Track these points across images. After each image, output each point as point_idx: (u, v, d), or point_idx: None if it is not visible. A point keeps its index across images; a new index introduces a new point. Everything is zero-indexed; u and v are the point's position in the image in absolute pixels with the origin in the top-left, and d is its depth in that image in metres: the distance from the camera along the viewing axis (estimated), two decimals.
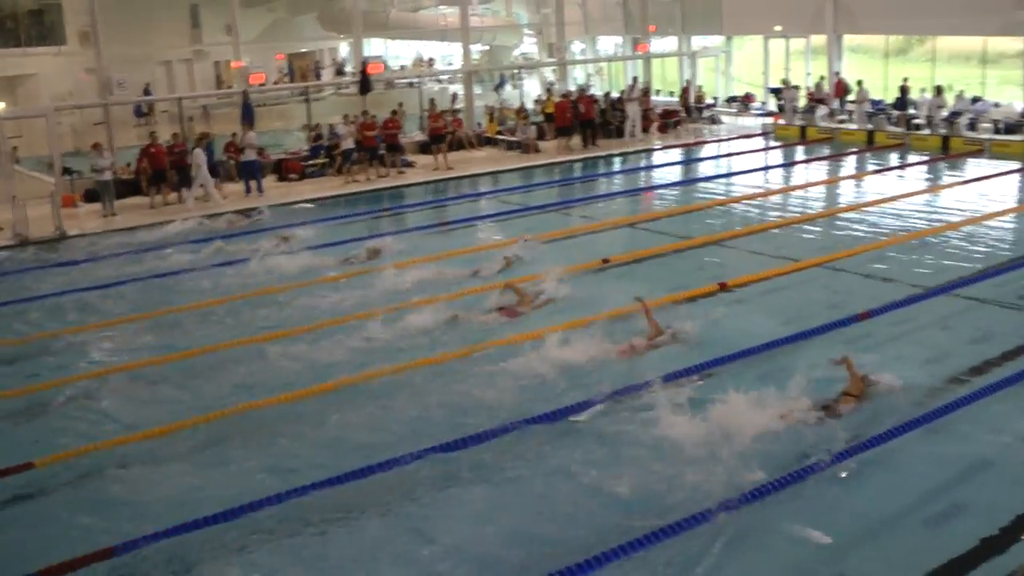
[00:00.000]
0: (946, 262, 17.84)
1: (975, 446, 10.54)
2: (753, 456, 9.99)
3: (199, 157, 26.75)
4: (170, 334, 15.60)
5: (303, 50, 60.81)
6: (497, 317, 15.19)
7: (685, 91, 39.26)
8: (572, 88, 40.37)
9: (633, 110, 35.39)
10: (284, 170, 30.41)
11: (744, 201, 24.43)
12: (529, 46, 57.24)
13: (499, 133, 35.45)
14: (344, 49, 61.55)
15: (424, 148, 32.50)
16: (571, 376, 12.50)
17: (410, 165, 31.07)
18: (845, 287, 16.80)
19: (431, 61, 59.34)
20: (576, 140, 33.61)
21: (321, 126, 32.22)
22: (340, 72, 55.81)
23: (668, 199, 25.82)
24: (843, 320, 14.46)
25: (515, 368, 12.75)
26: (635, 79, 37.81)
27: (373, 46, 60.20)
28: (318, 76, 56.42)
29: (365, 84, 33.04)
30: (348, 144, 29.47)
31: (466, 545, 9.02)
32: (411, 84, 45.59)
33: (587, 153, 32.67)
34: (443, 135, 31.64)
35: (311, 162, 30.87)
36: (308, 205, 26.42)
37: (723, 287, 16.49)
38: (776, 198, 25.09)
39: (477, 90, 42.12)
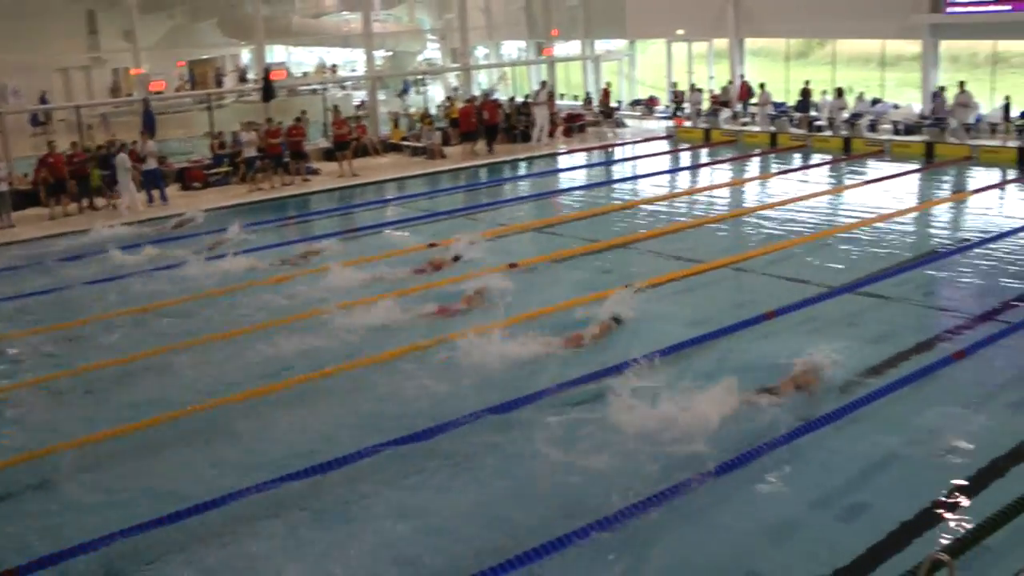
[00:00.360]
0: (851, 261, 17.86)
1: (878, 443, 10.48)
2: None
3: (125, 162, 26.18)
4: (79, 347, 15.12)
5: (204, 57, 59.50)
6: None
7: (605, 94, 39.25)
8: (476, 93, 40.05)
9: (542, 114, 35.20)
10: (187, 179, 29.50)
11: (650, 204, 24.26)
12: (433, 52, 56.78)
13: (404, 139, 34.93)
14: (246, 56, 60.39)
15: (329, 155, 31.85)
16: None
17: (315, 172, 30.40)
18: (751, 287, 16.70)
19: (334, 67, 58.51)
20: (481, 145, 33.26)
21: (224, 134, 31.38)
22: (243, 79, 54.71)
23: (575, 203, 25.50)
24: (751, 319, 14.37)
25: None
26: (543, 83, 37.60)
27: (276, 52, 59.13)
28: (220, 83, 55.23)
29: (268, 91, 32.27)
30: (251, 152, 28.74)
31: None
32: (314, 91, 44.75)
33: (493, 158, 32.31)
34: (348, 142, 31.03)
35: (214, 170, 30.00)
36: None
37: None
38: (682, 200, 24.95)
39: (381, 96, 41.51)
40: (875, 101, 33.23)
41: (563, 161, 32.68)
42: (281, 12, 53.00)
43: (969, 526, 8.64)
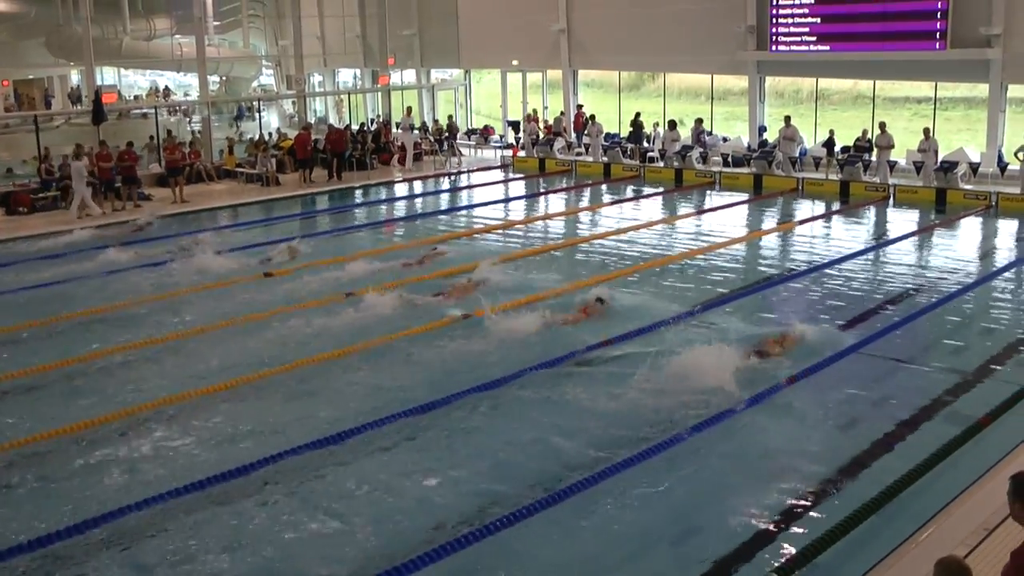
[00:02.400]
0: (680, 289, 17.59)
1: (713, 466, 10.34)
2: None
3: (81, 170, 25.99)
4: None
5: (31, 76, 56.46)
6: None
7: (451, 123, 38.55)
8: (312, 120, 38.85)
9: (408, 140, 34.53)
10: (12, 203, 27.24)
11: (487, 232, 23.47)
12: (268, 78, 55.23)
13: (239, 166, 33.37)
14: (76, 77, 57.55)
15: (162, 181, 30.10)
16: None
17: (147, 198, 28.60)
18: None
19: (167, 91, 56.29)
20: (319, 172, 32.04)
21: (52, 157, 29.24)
22: (74, 100, 52.03)
23: (411, 231, 24.46)
24: (596, 344, 13.93)
25: None
26: (409, 109, 36.69)
27: (107, 75, 56.55)
28: (48, 104, 52.49)
29: (99, 113, 30.39)
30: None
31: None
32: (145, 115, 42.72)
33: (330, 186, 31.07)
34: (181, 167, 29.40)
35: (42, 195, 27.88)
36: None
37: (467, 317, 15.47)
38: (516, 229, 24.22)
39: (215, 122, 39.86)
40: (705, 133, 33.34)
41: (400, 190, 31.66)
42: (111, 33, 50.50)
43: (800, 545, 8.53)
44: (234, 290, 17.94)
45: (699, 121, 32.81)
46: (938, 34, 28.01)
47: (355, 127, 37.21)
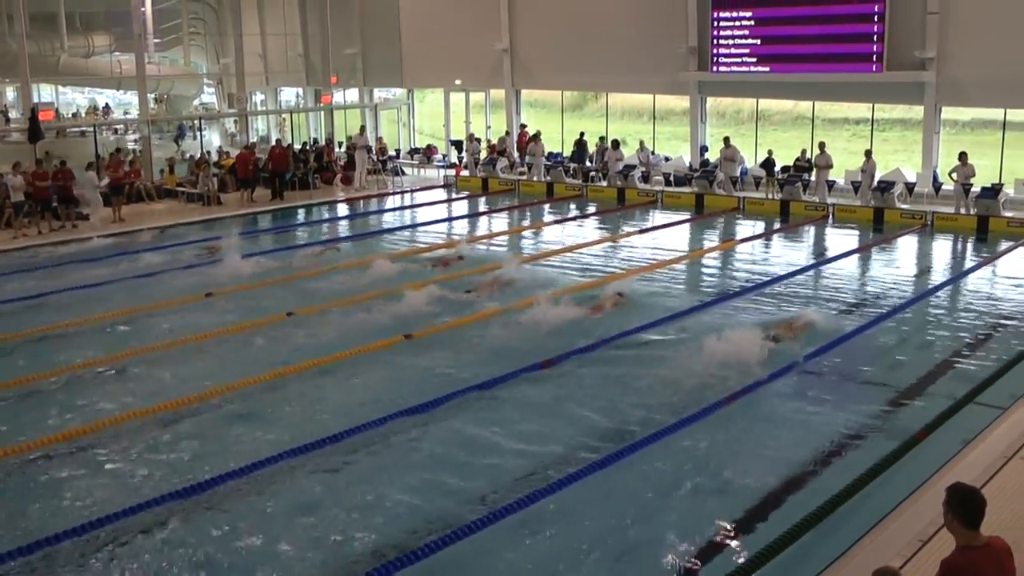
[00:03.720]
0: (626, 309, 17.48)
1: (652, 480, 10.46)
2: None
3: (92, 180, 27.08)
4: None
5: None
6: None
7: (380, 143, 38.56)
8: (254, 139, 38.59)
9: (361, 158, 34.40)
10: None
11: (430, 252, 23.39)
12: (209, 96, 54.76)
13: (179, 185, 33.00)
14: (11, 94, 56.66)
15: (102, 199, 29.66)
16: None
17: (84, 218, 28.16)
18: (527, 334, 15.92)
19: (107, 109, 55.59)
20: (261, 192, 31.80)
21: None
22: (6, 118, 51.15)
23: (354, 250, 24.22)
24: (529, 367, 13.94)
25: None
26: (363, 127, 36.54)
27: (44, 92, 55.72)
28: None
29: (35, 131, 29.86)
30: (19, 196, 26.41)
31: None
32: (83, 133, 42.14)
33: (272, 205, 30.83)
34: (120, 187, 29.01)
35: None
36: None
37: (408, 337, 15.48)
38: (460, 248, 24.09)
39: (156, 140, 39.42)
40: (646, 152, 33.64)
41: (342, 209, 31.45)
42: (48, 50, 49.82)
43: (739, 561, 8.62)
44: (177, 311, 17.78)
45: (643, 143, 33.14)
46: (875, 56, 28.54)
47: (298, 146, 37.02)
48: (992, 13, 26.82)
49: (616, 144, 32.62)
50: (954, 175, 26.17)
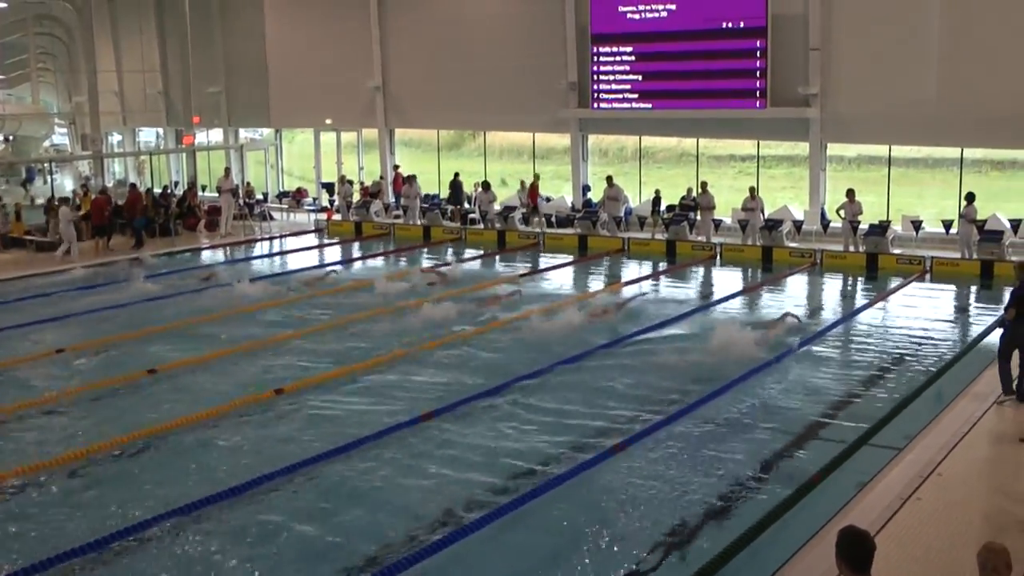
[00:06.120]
0: (513, 354, 17.37)
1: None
2: None
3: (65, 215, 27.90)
4: None
5: None
6: None
7: (248, 190, 37.88)
8: (111, 183, 37.58)
9: (227, 202, 33.69)
10: None
11: (300, 302, 22.70)
12: (61, 137, 53.30)
13: (28, 233, 31.74)
14: None
15: None
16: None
17: None
18: (410, 386, 15.65)
19: None
20: (121, 240, 30.74)
21: None
22: None
23: (218, 301, 23.27)
24: (412, 420, 13.64)
25: None
26: (227, 169, 35.77)
27: None
28: None
29: None
30: None
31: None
32: None
33: (133, 253, 29.60)
34: None
35: None
36: None
37: (279, 392, 15.04)
38: (334, 297, 23.51)
39: (1, 185, 38.12)
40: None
41: (207, 256, 30.47)
42: None
43: None
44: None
45: (524, 183, 33.19)
46: (758, 93, 29.06)
47: (158, 190, 36.05)
48: (873, 49, 27.59)
49: (487, 186, 32.47)
50: (842, 212, 26.66)
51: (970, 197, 25.26)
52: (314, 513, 10.91)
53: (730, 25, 29.46)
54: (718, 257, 27.57)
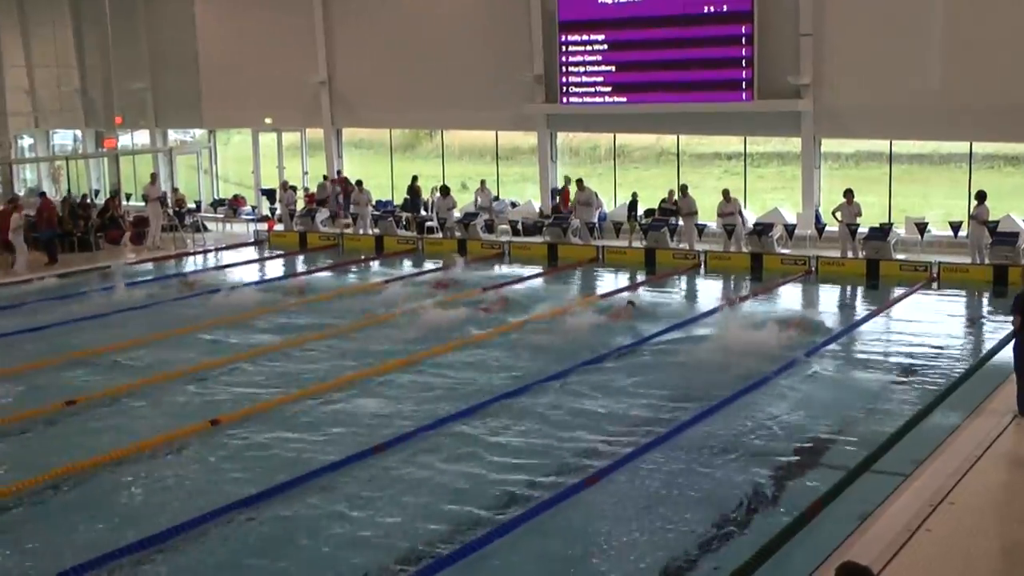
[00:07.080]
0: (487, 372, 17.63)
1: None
2: None
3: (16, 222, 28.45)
4: None
5: None
6: None
7: (178, 198, 37.70)
8: (21, 192, 37.27)
9: (155, 212, 33.60)
10: None
11: (228, 325, 22.44)
12: None
13: None
14: None
15: None
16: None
17: None
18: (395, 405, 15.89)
19: None
20: (35, 255, 30.30)
21: None
22: None
23: (146, 326, 22.93)
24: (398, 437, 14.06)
25: None
26: (154, 175, 35.55)
27: None
28: None
29: None
30: None
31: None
32: None
33: (47, 271, 29.17)
34: None
35: None
36: None
37: (214, 423, 15.01)
38: (272, 315, 23.30)
39: None
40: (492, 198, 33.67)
41: (132, 273, 29.96)
42: None
43: None
44: None
45: (484, 183, 33.18)
46: (744, 84, 29.20)
47: (77, 199, 35.79)
48: (871, 34, 27.74)
49: (445, 191, 32.40)
50: (839, 215, 26.78)
51: (981, 196, 25.43)
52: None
53: (712, 9, 29.65)
54: (703, 266, 27.67)
